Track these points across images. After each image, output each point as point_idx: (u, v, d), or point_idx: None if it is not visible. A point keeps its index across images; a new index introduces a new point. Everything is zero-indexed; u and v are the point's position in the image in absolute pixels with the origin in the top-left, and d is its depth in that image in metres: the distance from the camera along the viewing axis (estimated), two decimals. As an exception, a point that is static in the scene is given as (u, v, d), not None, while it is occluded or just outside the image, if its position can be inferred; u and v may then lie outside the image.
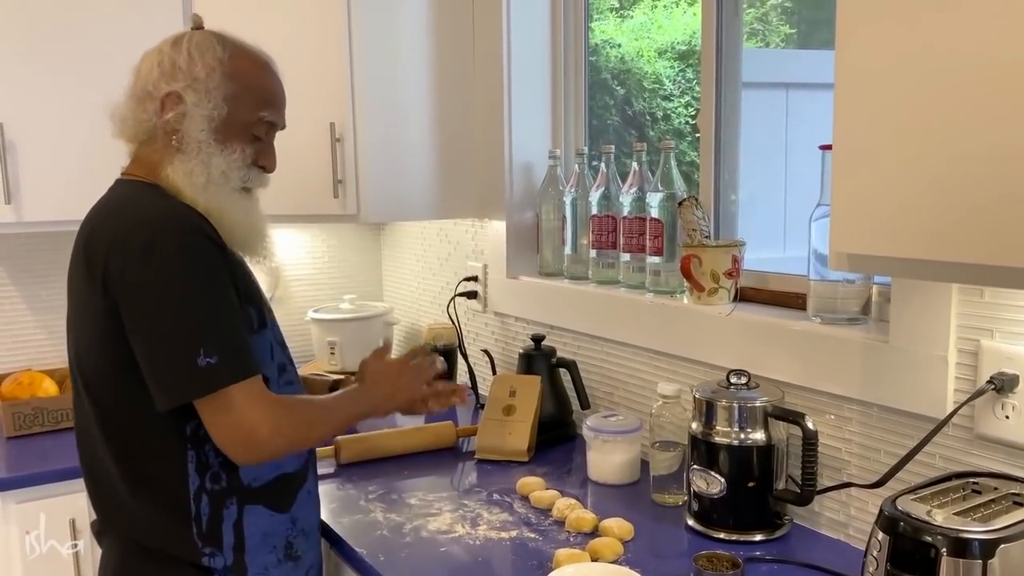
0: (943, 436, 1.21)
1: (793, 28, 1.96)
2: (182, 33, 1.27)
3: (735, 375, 1.42)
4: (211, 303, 1.14)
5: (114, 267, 1.13)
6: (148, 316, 1.12)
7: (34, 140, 1.97)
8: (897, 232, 0.93)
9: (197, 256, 1.14)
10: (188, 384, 1.11)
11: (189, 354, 1.10)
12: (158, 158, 1.23)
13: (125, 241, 1.13)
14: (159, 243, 1.12)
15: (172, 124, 1.22)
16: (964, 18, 0.85)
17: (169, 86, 1.22)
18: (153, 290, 1.11)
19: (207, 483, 1.20)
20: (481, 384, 2.27)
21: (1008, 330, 1.15)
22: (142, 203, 1.19)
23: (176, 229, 1.14)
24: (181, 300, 1.12)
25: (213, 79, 1.23)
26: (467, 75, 2.20)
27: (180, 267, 1.12)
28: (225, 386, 1.11)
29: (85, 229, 1.22)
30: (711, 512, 1.40)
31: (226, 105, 1.23)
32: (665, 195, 1.74)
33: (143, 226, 1.14)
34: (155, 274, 1.11)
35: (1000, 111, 0.82)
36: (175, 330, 1.11)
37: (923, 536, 0.96)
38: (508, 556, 1.37)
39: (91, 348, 1.20)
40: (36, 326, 2.30)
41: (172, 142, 1.22)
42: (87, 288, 1.17)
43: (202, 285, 1.13)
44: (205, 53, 1.23)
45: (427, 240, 2.59)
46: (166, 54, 1.24)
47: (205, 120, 1.22)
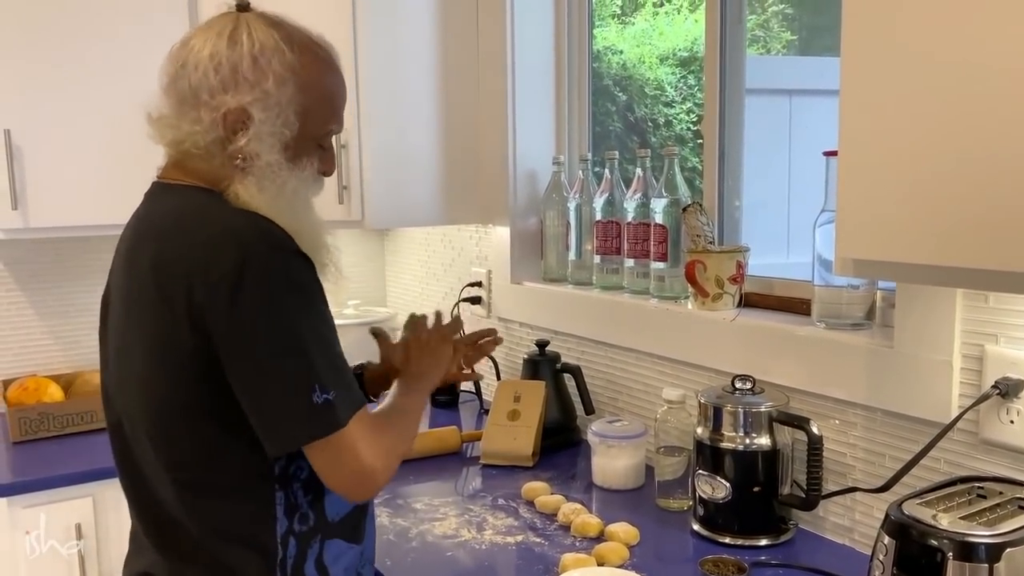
0: (948, 441, 1.21)
1: (794, 35, 1.97)
2: (230, 19, 1.07)
3: (740, 380, 1.42)
4: (316, 330, 1.01)
5: (203, 299, 0.98)
6: (252, 353, 0.98)
7: (41, 146, 1.97)
8: (902, 237, 0.94)
9: (293, 277, 1.01)
10: (306, 425, 0.99)
11: (303, 392, 0.98)
12: (219, 173, 1.07)
13: (211, 267, 0.98)
14: (251, 267, 0.97)
15: (239, 145, 1.05)
16: (969, 26, 0.85)
17: (233, 99, 1.03)
18: (254, 323, 0.97)
19: (295, 524, 1.09)
20: (486, 390, 2.27)
21: (1013, 335, 1.16)
22: (215, 218, 1.03)
23: (267, 249, 1.00)
24: (287, 331, 0.98)
25: (285, 92, 1.05)
26: (471, 81, 2.21)
27: (278, 292, 0.99)
28: (345, 423, 1.00)
29: (147, 247, 1.05)
30: (716, 517, 1.40)
31: (297, 121, 1.07)
32: (669, 201, 1.75)
33: (227, 247, 0.98)
34: (253, 304, 0.97)
35: (1006, 117, 0.83)
36: (285, 366, 0.98)
37: (929, 540, 0.97)
38: (514, 561, 1.37)
39: (157, 383, 1.04)
40: (42, 331, 2.31)
41: (237, 162, 1.05)
42: (161, 318, 1.01)
43: (304, 310, 1.00)
44: (273, 59, 1.04)
45: (431, 246, 2.59)
46: (223, 55, 1.03)
47: (276, 140, 1.06)
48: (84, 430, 2.06)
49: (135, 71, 2.03)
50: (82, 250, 2.34)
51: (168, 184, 1.11)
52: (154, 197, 1.13)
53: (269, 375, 0.98)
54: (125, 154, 2.04)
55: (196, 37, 1.06)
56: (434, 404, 2.29)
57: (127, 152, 2.04)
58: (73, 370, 2.30)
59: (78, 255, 2.34)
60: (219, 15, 1.08)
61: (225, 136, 1.05)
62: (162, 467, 1.07)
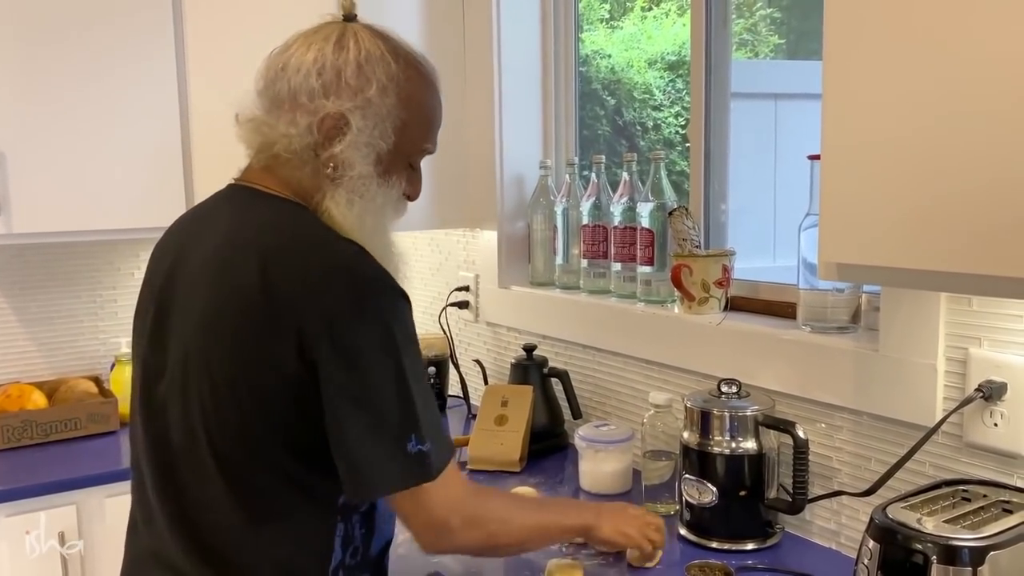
0: (933, 444, 1.22)
1: (782, 39, 1.98)
2: (337, 27, 1.05)
3: (726, 384, 1.42)
4: (418, 376, 1.00)
5: (316, 329, 0.95)
6: (356, 392, 0.96)
7: (24, 152, 1.96)
8: (885, 242, 0.94)
9: (402, 319, 1.00)
10: (399, 474, 0.97)
11: (402, 439, 0.97)
12: (308, 183, 1.04)
13: (326, 298, 0.95)
14: (368, 305, 0.96)
15: (333, 152, 1.02)
16: (952, 32, 0.86)
17: (334, 104, 1.01)
18: (365, 362, 0.96)
19: (347, 558, 1.07)
20: (473, 394, 2.27)
21: (996, 338, 1.16)
22: (326, 244, 1.00)
23: (381, 287, 0.99)
24: (395, 375, 0.97)
25: (386, 103, 1.03)
26: (458, 85, 2.21)
27: (390, 334, 0.97)
28: (435, 476, 0.99)
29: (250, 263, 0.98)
30: (703, 521, 1.40)
31: (394, 135, 1.05)
32: (655, 205, 1.75)
33: (343, 280, 0.97)
34: (365, 342, 0.96)
35: (988, 121, 0.83)
36: (387, 410, 0.97)
37: (913, 544, 0.96)
38: (500, 567, 1.36)
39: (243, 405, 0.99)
40: (26, 338, 2.29)
41: (328, 171, 1.03)
42: (265, 341, 0.97)
43: (412, 358, 0.99)
44: (377, 67, 1.03)
45: (419, 250, 2.58)
46: (328, 59, 1.02)
47: (372, 151, 1.04)
48: (68, 437, 2.05)
49: (119, 77, 2.03)
50: (65, 256, 2.32)
51: (256, 190, 1.07)
52: (242, 204, 1.07)
53: (370, 417, 0.96)
54: (110, 161, 2.04)
55: (299, 42, 1.05)
56: (422, 409, 2.28)
57: (112, 159, 2.05)
58: (56, 377, 2.28)
59: (61, 262, 2.32)
60: (325, 23, 1.06)
61: (321, 141, 1.02)
62: (225, 491, 1.02)
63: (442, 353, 2.28)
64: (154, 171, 2.07)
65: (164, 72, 2.07)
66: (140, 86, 2.05)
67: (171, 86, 2.08)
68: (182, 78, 2.09)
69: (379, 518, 1.13)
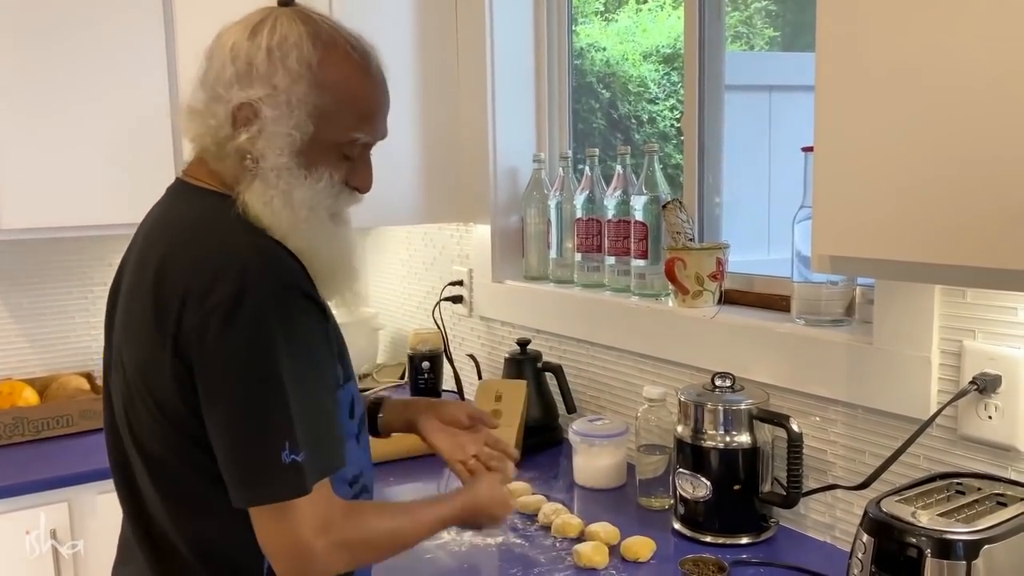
0: (927, 437, 1.21)
1: (777, 31, 1.97)
2: (262, 12, 1.01)
3: (720, 378, 1.41)
4: (303, 381, 0.93)
5: (190, 323, 0.92)
6: (229, 394, 0.92)
7: (15, 147, 1.94)
8: (879, 234, 0.93)
9: (291, 320, 0.93)
10: (269, 485, 0.91)
11: (274, 447, 0.91)
12: (230, 176, 1.01)
13: (207, 291, 0.91)
14: (248, 302, 0.91)
15: (245, 144, 0.98)
16: (945, 22, 0.85)
17: (244, 93, 0.97)
18: (237, 362, 0.91)
19: None
20: (467, 389, 2.26)
21: (990, 330, 1.16)
22: (225, 236, 0.97)
23: (269, 284, 0.93)
24: (270, 378, 0.91)
25: (297, 90, 0.97)
26: (451, 79, 2.20)
27: (269, 334, 0.91)
28: (309, 490, 0.92)
29: (156, 252, 0.98)
30: (697, 515, 1.40)
31: (311, 123, 0.99)
32: (649, 198, 1.74)
33: (229, 274, 0.92)
34: (240, 341, 0.91)
35: (981, 112, 0.82)
36: (260, 415, 0.91)
37: (907, 538, 0.96)
38: (494, 562, 1.36)
39: (144, 400, 0.98)
40: (17, 335, 2.28)
41: (246, 163, 0.99)
42: (150, 333, 0.95)
43: (294, 358, 0.93)
44: (290, 53, 0.97)
45: (412, 245, 2.58)
46: (242, 47, 0.97)
47: (285, 141, 0.98)
48: (60, 434, 2.03)
49: (111, 73, 2.01)
50: (57, 252, 2.31)
51: (189, 184, 1.05)
52: (175, 196, 1.07)
53: (241, 421, 0.92)
54: (100, 156, 2.02)
55: (227, 30, 1.01)
56: (416, 404, 2.28)
57: (102, 154, 2.03)
58: (48, 373, 2.27)
59: (53, 257, 2.31)
60: (257, 10, 1.02)
61: (232, 133, 0.98)
62: (151, 481, 1.02)
63: (436, 348, 2.28)
64: (144, 166, 2.05)
65: (154, 68, 2.06)
66: (130, 82, 2.03)
67: (161, 82, 2.06)
68: (172, 73, 2.07)
69: None
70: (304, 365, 0.94)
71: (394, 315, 2.69)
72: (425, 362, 2.25)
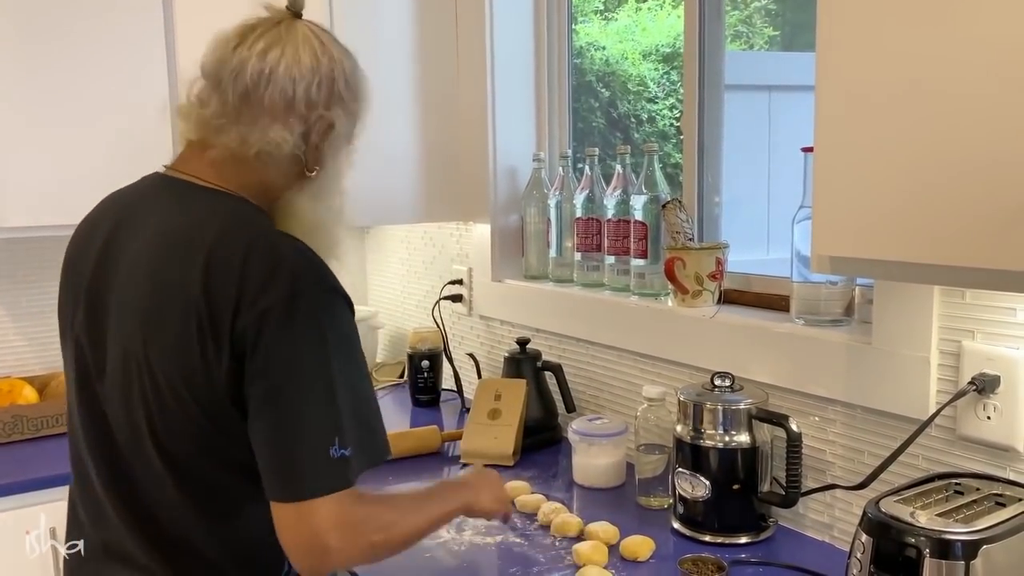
0: (926, 437, 1.21)
1: (777, 30, 1.97)
2: (305, 29, 1.07)
3: (719, 377, 1.42)
4: (350, 379, 0.99)
5: (243, 325, 0.95)
6: (281, 392, 0.95)
7: (15, 145, 1.94)
8: (878, 234, 0.93)
9: (338, 321, 1.00)
10: (321, 478, 0.95)
11: (324, 442, 0.95)
12: (276, 183, 1.08)
13: (260, 294, 0.96)
14: (300, 303, 0.96)
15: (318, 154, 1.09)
16: (945, 23, 0.85)
17: (327, 112, 1.07)
18: (293, 361, 0.95)
19: None
20: (466, 388, 2.26)
21: (989, 331, 1.16)
22: (267, 236, 1.02)
23: (318, 286, 0.99)
24: (322, 377, 0.96)
25: (358, 110, 1.13)
26: (451, 78, 2.19)
27: (321, 335, 0.97)
28: (354, 482, 0.97)
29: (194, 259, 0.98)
30: (696, 515, 1.40)
31: (356, 135, 1.15)
32: (649, 198, 1.74)
33: (280, 277, 0.97)
34: (297, 343, 0.96)
35: (981, 113, 0.83)
36: (313, 413, 0.95)
37: (906, 538, 0.96)
38: (493, 561, 1.36)
39: (183, 401, 0.99)
40: (16, 333, 2.27)
41: (310, 172, 1.09)
42: (199, 335, 0.97)
43: (342, 357, 0.98)
44: (355, 76, 1.11)
45: (412, 244, 2.58)
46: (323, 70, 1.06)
47: (345, 152, 1.13)
48: (59, 432, 2.03)
49: (111, 72, 2.01)
50: (57, 250, 2.27)
51: (193, 184, 1.07)
52: (182, 197, 1.07)
53: (295, 419, 0.95)
54: (101, 154, 2.02)
55: (276, 48, 1.04)
56: (415, 403, 2.28)
57: (103, 152, 2.03)
58: (48, 372, 2.27)
59: (52, 255, 2.28)
60: (285, 26, 1.06)
61: (314, 146, 1.07)
62: (176, 488, 1.02)
63: (435, 347, 2.28)
64: (144, 164, 2.04)
65: (154, 65, 2.05)
66: (130, 81, 2.03)
67: (162, 80, 2.06)
68: (172, 72, 2.07)
69: None
70: (349, 363, 0.99)
71: (393, 314, 2.69)
72: (425, 361, 2.25)
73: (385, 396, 2.41)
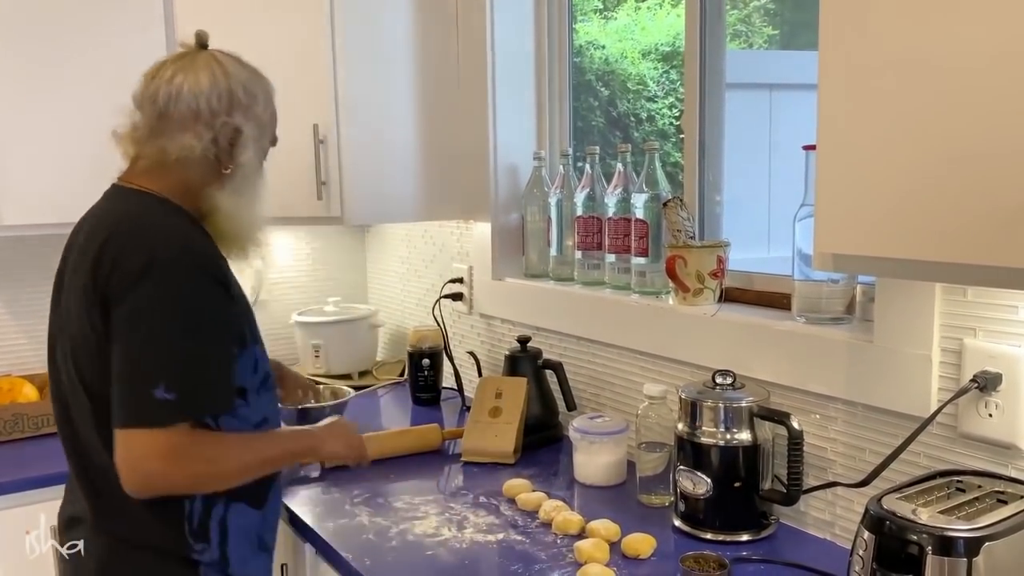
0: (927, 435, 1.21)
1: (776, 29, 1.97)
2: (209, 56, 1.30)
3: (720, 375, 1.42)
4: (190, 337, 1.17)
5: (112, 289, 1.17)
6: (127, 336, 1.16)
7: (15, 144, 1.94)
8: (880, 232, 0.94)
9: (192, 292, 1.18)
10: (139, 412, 1.14)
11: (151, 384, 1.13)
12: (195, 179, 1.29)
13: (126, 263, 1.17)
14: (154, 269, 1.16)
15: (229, 155, 1.29)
16: (948, 20, 0.85)
17: (232, 119, 1.28)
18: (139, 313, 1.15)
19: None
20: (467, 386, 2.26)
21: (991, 329, 1.16)
22: (149, 223, 1.23)
23: (175, 256, 1.18)
24: (161, 329, 1.15)
25: (267, 114, 1.34)
26: (451, 76, 2.19)
27: (175, 302, 1.16)
28: (170, 424, 1.14)
29: (99, 236, 1.22)
30: (697, 513, 1.40)
31: (267, 136, 1.36)
32: (650, 196, 1.74)
33: (143, 249, 1.18)
34: (145, 299, 1.15)
35: (983, 110, 0.83)
36: (147, 357, 1.15)
37: (908, 535, 0.96)
38: (495, 559, 1.36)
39: (92, 353, 1.21)
40: (16, 331, 2.27)
41: (225, 171, 1.30)
42: (90, 294, 1.19)
43: (186, 319, 1.17)
44: (257, 88, 1.32)
45: (412, 242, 2.58)
46: (221, 83, 1.27)
47: (258, 151, 1.34)
48: (60, 431, 2.03)
49: (110, 71, 2.00)
50: (57, 249, 2.28)
51: (129, 188, 1.29)
52: (114, 198, 1.30)
53: (132, 360, 1.15)
54: (100, 153, 2.01)
55: (182, 73, 1.27)
56: (416, 402, 2.28)
57: (102, 151, 2.02)
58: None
59: (53, 254, 2.27)
60: (189, 52, 1.31)
61: (224, 148, 1.28)
62: (94, 420, 1.22)
63: (436, 345, 2.28)
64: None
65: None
66: (130, 80, 2.01)
67: (161, 77, 2.06)
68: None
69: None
70: (195, 325, 1.17)
71: (394, 312, 2.69)
72: (425, 359, 2.25)
73: (385, 395, 2.41)
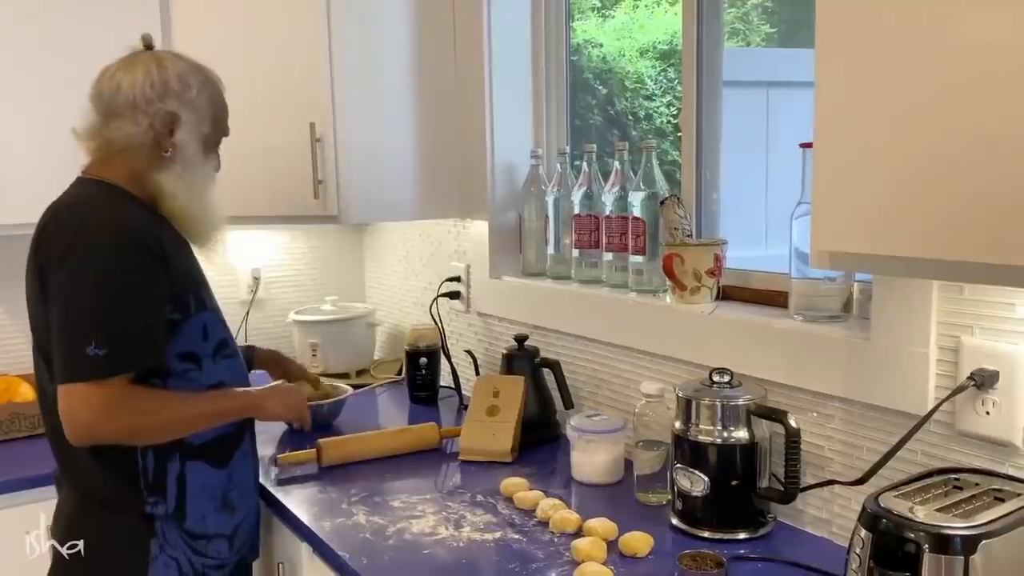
0: (925, 432, 1.21)
1: (774, 27, 1.97)
2: (151, 54, 1.43)
3: (718, 373, 1.42)
4: (118, 300, 1.28)
5: (48, 255, 1.31)
6: (59, 301, 1.28)
7: (11, 142, 1.94)
8: (877, 230, 0.93)
9: (119, 262, 1.29)
10: (74, 369, 1.26)
11: (82, 342, 1.25)
12: (142, 166, 1.40)
13: (61, 234, 1.31)
14: (79, 243, 1.29)
15: (168, 139, 1.40)
16: (944, 15, 0.85)
17: (167, 105, 1.39)
18: (69, 278, 1.28)
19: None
20: (464, 385, 2.26)
21: (988, 326, 1.16)
22: (87, 201, 1.37)
23: (105, 230, 1.31)
24: (88, 293, 1.27)
25: (201, 101, 1.44)
26: (448, 74, 2.19)
27: (105, 271, 1.28)
28: (103, 377, 1.25)
29: (40, 222, 1.38)
30: (695, 511, 1.40)
31: (209, 124, 1.46)
32: (647, 194, 1.74)
33: (72, 227, 1.31)
34: (74, 267, 1.28)
35: (981, 107, 0.82)
36: (77, 318, 1.27)
37: (905, 533, 0.96)
38: (492, 558, 1.36)
39: (43, 324, 1.34)
40: (12, 330, 2.27)
41: (165, 154, 1.40)
42: (33, 267, 1.35)
43: (114, 284, 1.28)
44: (191, 77, 1.43)
45: (409, 241, 2.57)
46: (155, 75, 1.39)
47: (198, 136, 1.44)
48: (56, 430, 2.03)
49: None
50: (54, 247, 2.29)
51: (86, 179, 1.42)
52: (70, 188, 1.42)
53: (63, 322, 1.28)
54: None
55: (122, 70, 1.40)
56: (413, 400, 2.28)
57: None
58: (45, 369, 2.26)
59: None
60: (135, 53, 1.43)
61: (161, 132, 1.39)
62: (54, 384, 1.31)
63: (433, 344, 2.28)
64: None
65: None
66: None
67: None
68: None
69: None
70: (123, 288, 1.29)
71: (391, 311, 2.68)
72: (422, 358, 2.25)
73: (383, 393, 2.41)
